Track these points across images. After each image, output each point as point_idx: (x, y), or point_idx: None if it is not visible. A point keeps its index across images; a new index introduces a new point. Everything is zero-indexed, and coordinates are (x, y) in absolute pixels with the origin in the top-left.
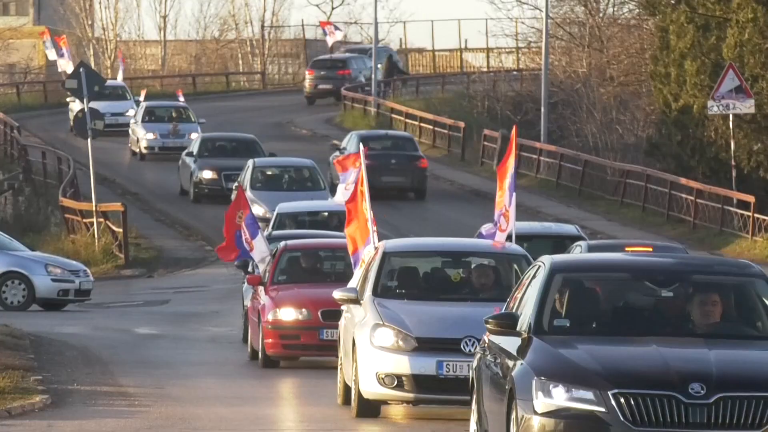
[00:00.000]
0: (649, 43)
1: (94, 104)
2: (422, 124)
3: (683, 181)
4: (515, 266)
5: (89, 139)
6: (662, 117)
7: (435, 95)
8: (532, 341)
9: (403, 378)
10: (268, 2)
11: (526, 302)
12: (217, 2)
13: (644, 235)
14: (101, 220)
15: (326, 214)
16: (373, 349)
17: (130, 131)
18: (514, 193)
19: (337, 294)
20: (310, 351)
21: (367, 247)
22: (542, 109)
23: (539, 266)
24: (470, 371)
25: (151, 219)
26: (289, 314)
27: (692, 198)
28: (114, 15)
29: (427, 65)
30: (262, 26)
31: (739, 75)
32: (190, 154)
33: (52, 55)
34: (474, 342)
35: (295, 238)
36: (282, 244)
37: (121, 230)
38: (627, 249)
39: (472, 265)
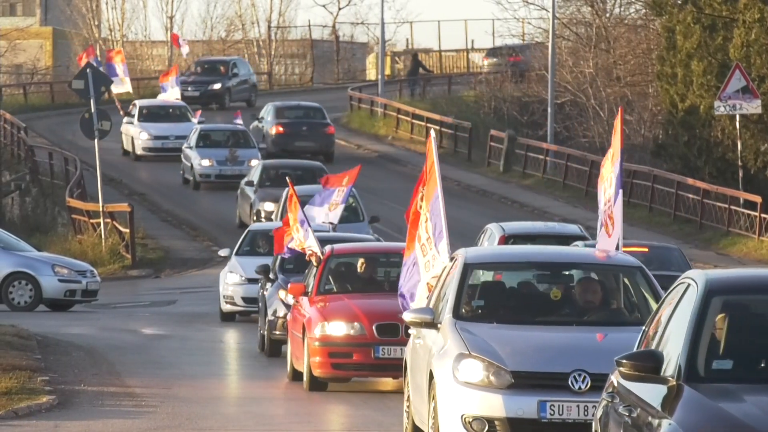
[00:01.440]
0: (655, 44)
1: (155, 126)
2: (428, 125)
3: (690, 181)
4: (626, 280)
5: (96, 140)
6: (669, 117)
7: (441, 95)
8: (683, 392)
9: (496, 423)
10: (275, 3)
11: (669, 336)
12: (224, 3)
13: (651, 235)
14: (108, 220)
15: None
16: (457, 385)
17: (182, 157)
18: (620, 191)
19: (409, 316)
20: (364, 371)
21: (413, 255)
22: (549, 110)
23: (688, 284)
24: (594, 424)
25: (158, 219)
26: (339, 329)
27: (699, 198)
28: (120, 15)
29: (433, 65)
30: (269, 27)
31: (746, 75)
32: (249, 183)
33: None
34: (585, 377)
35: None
36: (328, 248)
37: (128, 231)
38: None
39: (575, 280)
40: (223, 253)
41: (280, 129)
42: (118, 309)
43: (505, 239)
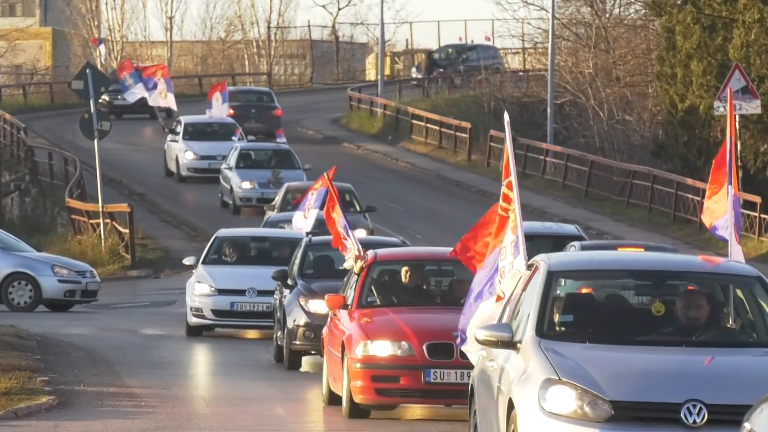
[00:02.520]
0: (655, 44)
1: (201, 145)
2: (428, 125)
3: (690, 181)
4: (738, 292)
5: (95, 140)
6: (668, 117)
7: (441, 96)
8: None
9: None
10: (274, 3)
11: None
12: (223, 3)
13: (651, 235)
14: (108, 220)
15: (268, 242)
16: (545, 417)
17: (221, 178)
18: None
19: (483, 333)
20: (413, 397)
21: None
22: (548, 110)
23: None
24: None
25: (157, 220)
26: (384, 349)
27: (699, 198)
28: (120, 16)
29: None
30: (269, 27)
31: (746, 75)
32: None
33: (134, 95)
34: (701, 409)
35: (383, 245)
36: (371, 253)
37: (127, 231)
38: (619, 249)
39: (678, 292)
40: (188, 261)
41: (231, 111)
42: (118, 309)
43: None
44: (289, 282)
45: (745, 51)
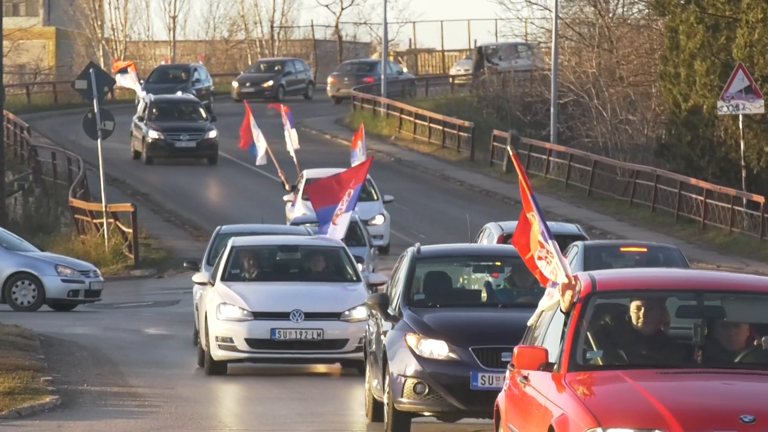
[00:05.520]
0: (658, 44)
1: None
2: (432, 125)
3: (693, 181)
4: None
5: (99, 140)
6: (672, 117)
7: (444, 96)
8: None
9: None
10: (278, 3)
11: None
12: (227, 3)
13: (654, 235)
14: (111, 220)
15: (299, 252)
16: None
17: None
18: None
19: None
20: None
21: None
22: (552, 110)
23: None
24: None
25: (161, 219)
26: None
27: (702, 198)
28: (123, 15)
29: (436, 66)
30: (272, 27)
31: (749, 75)
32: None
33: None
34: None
35: None
36: (584, 279)
37: (130, 231)
38: (622, 249)
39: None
40: (199, 278)
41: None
42: (121, 309)
43: (504, 238)
44: (391, 311)
45: (748, 50)
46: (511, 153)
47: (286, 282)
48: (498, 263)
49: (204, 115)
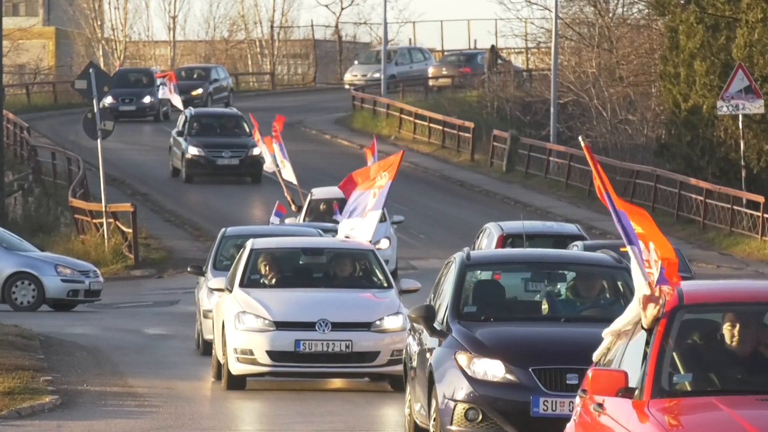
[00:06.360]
0: (658, 44)
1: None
2: (431, 125)
3: (693, 181)
4: None
5: (98, 140)
6: (672, 117)
7: (444, 96)
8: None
9: None
10: (278, 3)
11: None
12: (227, 3)
13: None
14: (111, 220)
15: (324, 255)
16: None
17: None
18: None
19: None
20: None
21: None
22: (551, 110)
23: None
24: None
25: (160, 219)
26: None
27: (702, 198)
28: (123, 15)
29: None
30: (272, 27)
31: (749, 75)
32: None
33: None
34: None
35: None
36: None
37: (130, 231)
38: (622, 249)
39: None
40: (216, 284)
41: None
42: (121, 309)
43: (504, 238)
44: (438, 325)
45: (748, 50)
46: (583, 144)
47: (310, 288)
48: (562, 270)
49: (248, 129)
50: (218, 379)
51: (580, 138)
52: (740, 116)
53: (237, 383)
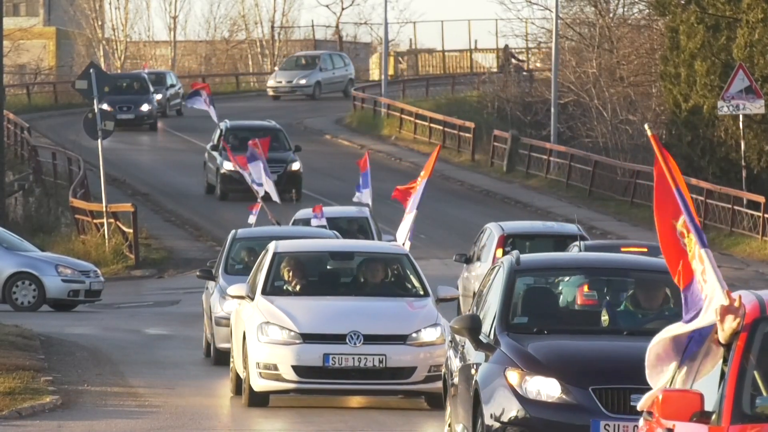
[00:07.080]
0: (659, 44)
1: None
2: (432, 125)
3: (693, 181)
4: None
5: (99, 140)
6: (672, 117)
7: (445, 96)
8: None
9: None
10: (278, 3)
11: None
12: (227, 3)
13: (654, 235)
14: (111, 220)
15: (355, 259)
16: None
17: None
18: None
19: None
20: None
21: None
22: (552, 110)
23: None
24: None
25: (161, 219)
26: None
27: (702, 198)
28: (124, 16)
29: (437, 66)
30: (272, 27)
31: (749, 75)
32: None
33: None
34: None
35: None
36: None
37: (131, 231)
38: (622, 249)
39: None
40: (236, 291)
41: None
42: (122, 309)
43: (504, 238)
44: (483, 339)
45: (748, 51)
46: (649, 133)
47: (339, 297)
48: (624, 277)
49: (287, 144)
50: (237, 394)
51: (646, 126)
52: (741, 116)
53: (259, 400)
